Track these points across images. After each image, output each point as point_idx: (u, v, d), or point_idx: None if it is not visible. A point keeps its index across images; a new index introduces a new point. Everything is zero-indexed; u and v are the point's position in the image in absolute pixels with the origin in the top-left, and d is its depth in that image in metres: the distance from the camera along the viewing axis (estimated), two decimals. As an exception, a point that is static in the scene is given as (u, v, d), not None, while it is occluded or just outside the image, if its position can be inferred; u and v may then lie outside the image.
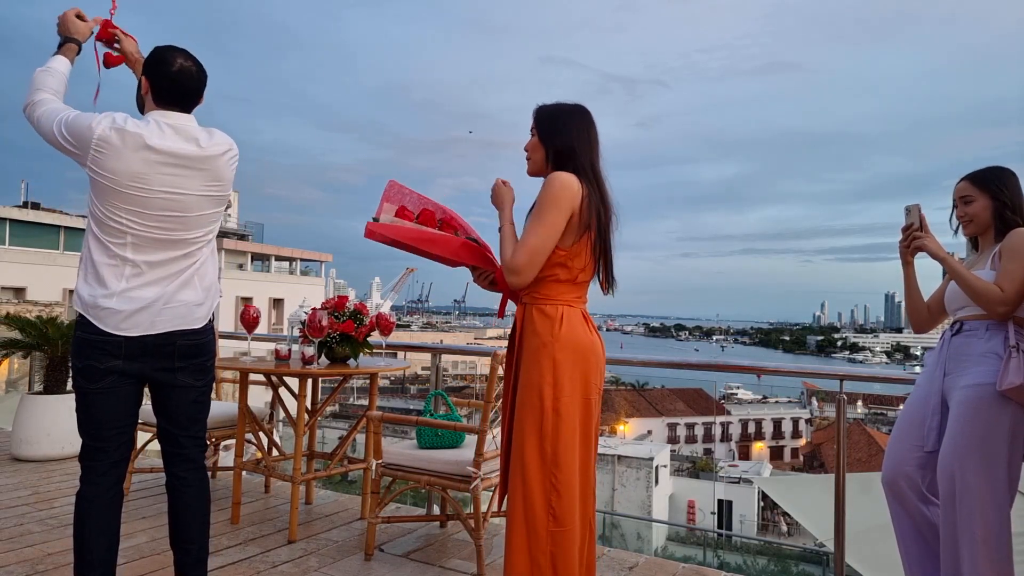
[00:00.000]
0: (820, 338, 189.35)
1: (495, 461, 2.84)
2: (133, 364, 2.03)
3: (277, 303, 33.46)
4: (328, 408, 4.80)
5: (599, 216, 2.11)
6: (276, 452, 3.69)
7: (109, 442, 2.05)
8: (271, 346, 3.50)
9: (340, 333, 3.31)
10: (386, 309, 12.16)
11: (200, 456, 2.20)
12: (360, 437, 3.62)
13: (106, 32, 2.33)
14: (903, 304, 2.55)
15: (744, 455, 38.59)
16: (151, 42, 2.32)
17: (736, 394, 53.59)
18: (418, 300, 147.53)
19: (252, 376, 3.56)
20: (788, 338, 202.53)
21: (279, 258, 37.92)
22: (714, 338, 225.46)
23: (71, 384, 2.10)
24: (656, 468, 26.16)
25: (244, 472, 3.64)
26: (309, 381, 3.48)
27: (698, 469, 30.84)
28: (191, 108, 2.14)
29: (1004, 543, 2.12)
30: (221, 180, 2.13)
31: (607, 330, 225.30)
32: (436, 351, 4.07)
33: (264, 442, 3.61)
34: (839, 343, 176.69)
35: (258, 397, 3.77)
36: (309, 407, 3.55)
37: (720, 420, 41.00)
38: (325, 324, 3.24)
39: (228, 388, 5.45)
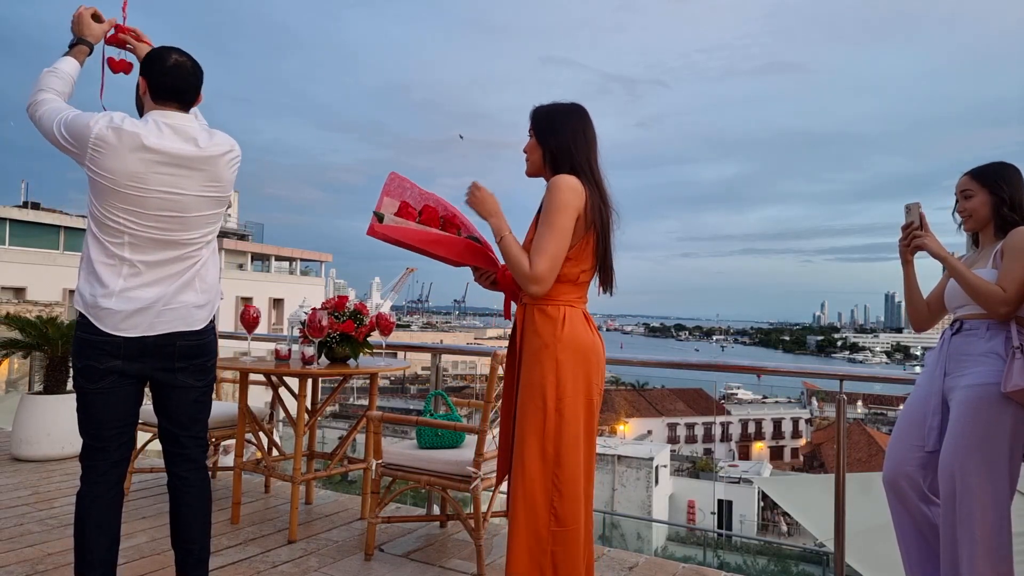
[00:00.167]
0: (820, 338, 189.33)
1: (495, 461, 2.84)
2: (133, 364, 2.03)
3: (277, 303, 33.47)
4: (328, 408, 4.80)
5: (601, 216, 2.11)
6: (276, 452, 3.69)
7: (109, 442, 2.05)
8: (271, 346, 3.51)
9: (340, 333, 3.31)
10: (386, 309, 12.16)
11: (201, 456, 2.20)
12: (360, 437, 3.62)
13: (116, 37, 2.27)
14: (903, 303, 2.53)
15: (744, 455, 38.58)
16: (152, 41, 2.31)
17: (736, 394, 53.56)
18: (418, 300, 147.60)
19: (252, 376, 3.56)
20: (788, 338, 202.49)
21: (279, 258, 37.93)
22: (714, 338, 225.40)
23: (71, 384, 2.09)
24: (656, 468, 26.16)
25: (244, 472, 3.64)
26: (309, 381, 3.48)
27: (698, 469, 30.84)
28: (189, 105, 2.12)
29: (1004, 543, 2.11)
30: (220, 181, 2.10)
31: (607, 330, 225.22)
32: (436, 351, 4.07)
33: (264, 442, 3.61)
34: (839, 343, 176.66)
35: (258, 397, 3.77)
36: (309, 407, 3.55)
37: (720, 420, 40.99)
38: (325, 324, 3.24)
39: (228, 388, 5.45)
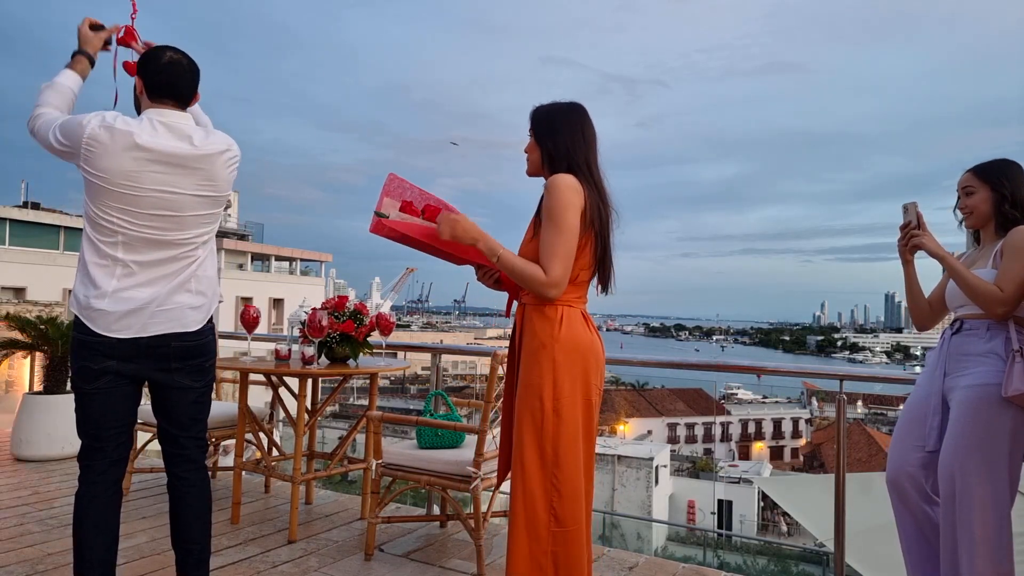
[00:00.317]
0: (820, 338, 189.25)
1: (495, 461, 2.84)
2: (128, 365, 2.02)
3: (277, 303, 33.46)
4: (328, 408, 4.80)
5: (599, 215, 2.10)
6: (276, 452, 3.69)
7: (107, 442, 2.05)
8: (271, 346, 3.51)
9: (340, 333, 3.31)
10: (386, 309, 12.16)
11: (201, 456, 2.19)
12: (360, 437, 3.62)
13: (124, 40, 2.26)
14: (905, 302, 2.51)
15: (744, 455, 38.58)
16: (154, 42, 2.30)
17: (736, 394, 53.55)
18: (418, 300, 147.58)
19: (252, 376, 3.56)
20: (788, 338, 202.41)
21: (279, 258, 37.92)
22: (714, 338, 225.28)
23: (71, 384, 2.09)
24: (656, 468, 26.15)
25: (244, 472, 3.64)
26: (309, 381, 3.48)
27: (698, 469, 30.83)
28: (186, 103, 2.11)
29: (1004, 543, 2.11)
30: (215, 180, 2.08)
31: (607, 330, 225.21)
32: (436, 351, 4.07)
33: (264, 442, 3.61)
34: (839, 343, 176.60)
35: (258, 397, 3.77)
36: (309, 407, 3.55)
37: (720, 420, 40.99)
38: (325, 324, 3.24)
39: (228, 388, 5.45)
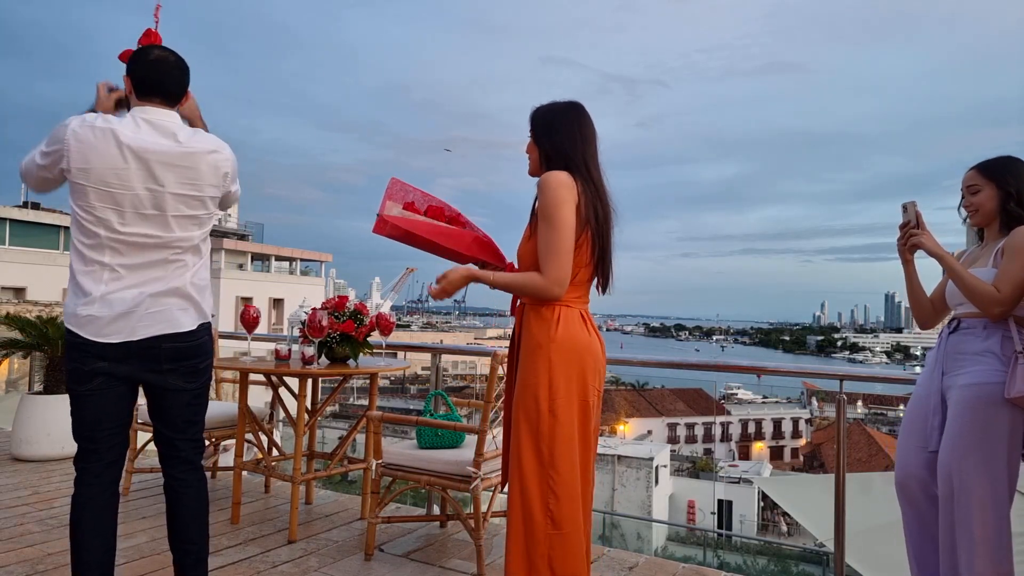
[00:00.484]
0: (820, 338, 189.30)
1: (495, 461, 2.84)
2: (120, 367, 2.00)
3: (277, 303, 33.45)
4: (328, 408, 4.80)
5: (595, 213, 2.09)
6: (276, 452, 3.69)
7: (101, 443, 2.03)
8: (271, 346, 3.50)
9: (340, 333, 3.31)
10: (386, 309, 12.16)
11: (197, 457, 2.18)
12: (360, 437, 3.62)
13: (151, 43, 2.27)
14: (907, 301, 2.49)
15: (744, 455, 38.56)
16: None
17: (736, 394, 53.54)
18: (418, 300, 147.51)
19: (252, 376, 3.56)
20: (788, 338, 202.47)
21: (279, 258, 37.92)
22: (714, 338, 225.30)
23: (77, 383, 2.09)
24: (656, 468, 26.14)
25: (244, 472, 3.64)
26: (309, 381, 3.48)
27: (698, 469, 30.82)
28: (174, 101, 2.09)
29: (1003, 543, 2.10)
30: (197, 180, 2.03)
31: (607, 330, 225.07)
32: (436, 351, 4.07)
33: (264, 442, 3.61)
34: (839, 343, 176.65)
35: (258, 397, 3.77)
36: (309, 407, 3.55)
37: (720, 420, 40.98)
38: (325, 324, 3.24)
39: (228, 388, 5.45)
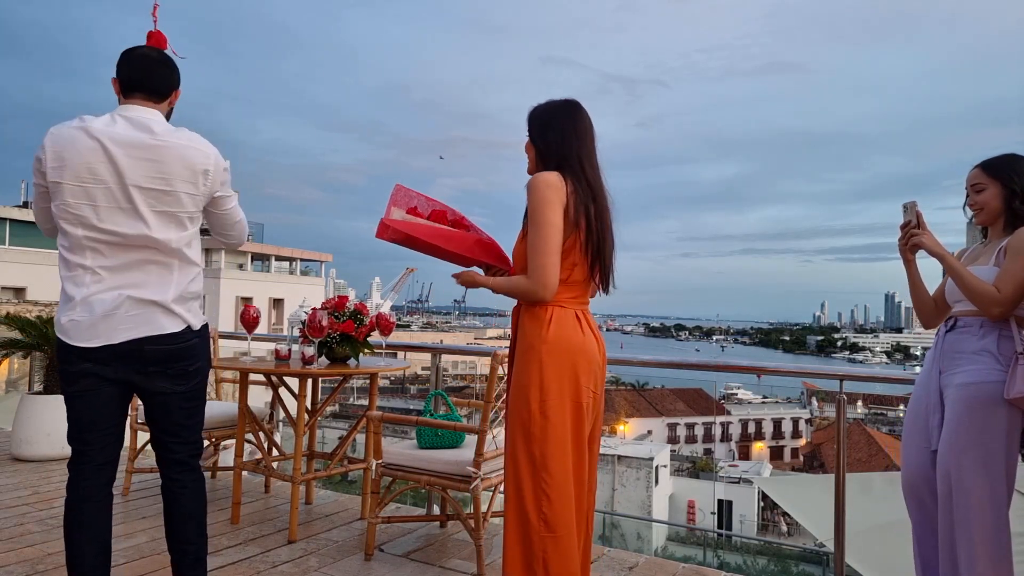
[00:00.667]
0: (820, 338, 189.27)
1: (495, 461, 2.84)
2: (106, 368, 1.99)
3: (277, 303, 33.45)
4: (328, 408, 4.80)
5: (587, 212, 2.06)
6: (276, 452, 3.69)
7: (91, 445, 2.02)
8: (271, 346, 3.50)
9: (340, 333, 3.31)
10: (386, 309, 12.16)
11: (193, 459, 2.16)
12: (360, 437, 3.62)
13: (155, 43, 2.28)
14: (910, 301, 2.47)
15: (744, 455, 38.57)
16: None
17: (736, 394, 53.54)
18: (418, 300, 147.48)
19: (252, 376, 3.56)
20: (788, 338, 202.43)
21: (279, 258, 37.91)
22: (714, 338, 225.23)
23: (66, 386, 2.10)
24: (656, 468, 26.15)
25: (244, 472, 3.64)
26: (309, 381, 3.48)
27: (698, 469, 30.83)
28: (159, 97, 2.07)
29: (1003, 543, 2.10)
30: (167, 175, 1.97)
31: (607, 330, 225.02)
32: (436, 351, 4.07)
33: (264, 442, 3.61)
34: (839, 343, 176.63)
35: (258, 397, 3.77)
36: (309, 407, 3.55)
37: (720, 420, 40.98)
38: (325, 324, 3.24)
39: (228, 388, 5.45)
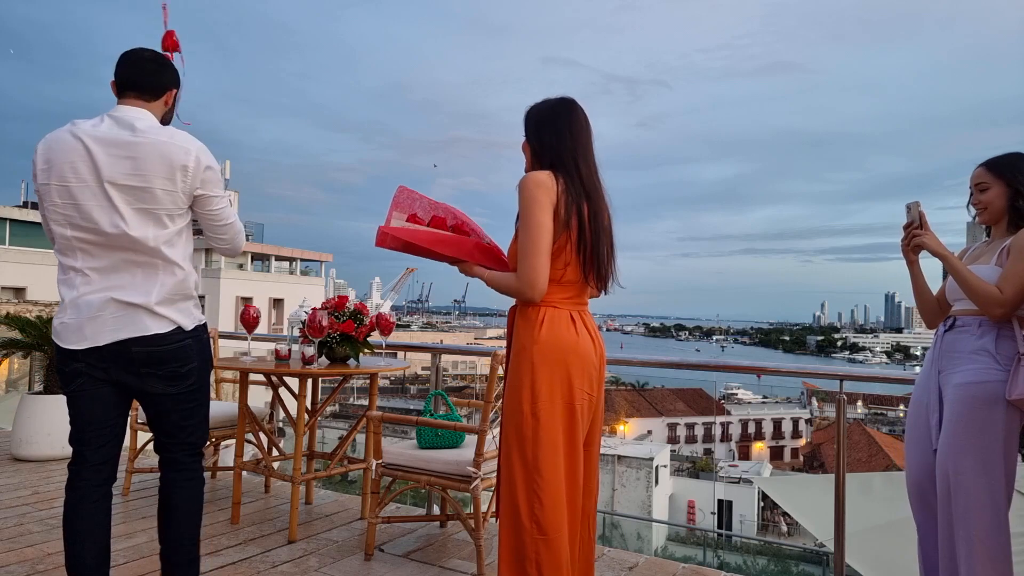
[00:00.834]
0: (820, 338, 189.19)
1: (495, 461, 2.84)
2: (97, 368, 2.00)
3: (277, 303, 33.46)
4: (328, 408, 4.79)
5: (579, 211, 2.04)
6: (276, 452, 3.69)
7: (88, 445, 2.03)
8: (271, 346, 3.50)
9: (340, 333, 3.31)
10: (386, 309, 12.15)
11: (191, 460, 2.16)
12: (360, 437, 3.62)
13: (171, 43, 2.29)
14: (913, 301, 2.46)
15: (744, 455, 38.58)
16: (149, 43, 2.30)
17: (736, 394, 53.55)
18: (418, 300, 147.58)
19: (252, 376, 3.56)
20: (788, 338, 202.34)
21: (279, 258, 37.93)
22: (714, 338, 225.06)
23: (63, 387, 2.11)
24: (656, 468, 26.15)
25: (244, 472, 3.64)
26: (309, 381, 3.48)
27: (698, 469, 30.84)
28: (151, 95, 2.07)
29: (1003, 543, 2.09)
30: (144, 172, 1.94)
31: (607, 330, 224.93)
32: (436, 351, 4.06)
33: (264, 442, 3.61)
34: (839, 343, 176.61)
35: (258, 397, 3.77)
36: (309, 407, 3.55)
37: (720, 420, 40.99)
38: (325, 324, 3.24)
39: (228, 388, 5.45)
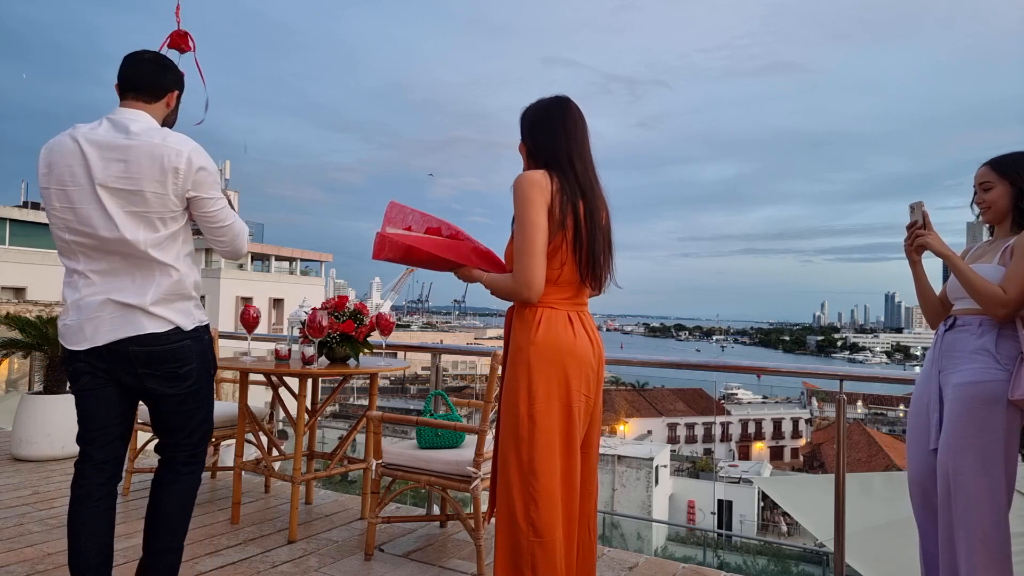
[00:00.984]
0: (820, 338, 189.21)
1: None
2: (98, 367, 2.01)
3: (277, 303, 33.44)
4: (328, 408, 4.79)
5: (575, 210, 2.02)
6: (276, 452, 3.69)
7: (92, 444, 2.04)
8: (271, 346, 3.50)
9: (340, 333, 3.31)
10: (386, 309, 12.16)
11: (188, 461, 2.16)
12: (360, 437, 3.62)
13: (178, 41, 2.29)
14: (916, 301, 2.45)
15: (744, 455, 38.58)
16: (150, 43, 2.31)
17: (736, 394, 53.55)
18: (418, 300, 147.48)
19: (252, 376, 3.56)
20: (788, 338, 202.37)
21: (279, 258, 37.91)
22: (714, 338, 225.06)
23: (70, 385, 2.13)
24: (656, 468, 26.15)
25: (244, 472, 3.64)
26: (309, 381, 3.48)
27: (698, 469, 30.84)
28: (150, 96, 2.07)
29: (1003, 543, 2.09)
30: (134, 175, 1.93)
31: (607, 330, 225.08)
32: (436, 351, 4.06)
33: (264, 442, 3.61)
34: (839, 343, 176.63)
35: (258, 397, 3.77)
36: (309, 407, 3.55)
37: (720, 420, 41.00)
38: (325, 324, 3.24)
39: (228, 388, 5.46)
